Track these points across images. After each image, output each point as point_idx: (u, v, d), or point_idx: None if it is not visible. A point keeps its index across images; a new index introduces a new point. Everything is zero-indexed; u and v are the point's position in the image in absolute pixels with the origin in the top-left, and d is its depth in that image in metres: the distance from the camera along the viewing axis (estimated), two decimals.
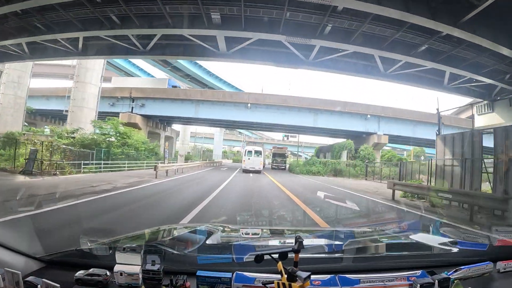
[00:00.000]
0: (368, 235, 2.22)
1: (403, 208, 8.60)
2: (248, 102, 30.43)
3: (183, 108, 32.31)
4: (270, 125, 34.74)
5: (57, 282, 1.11)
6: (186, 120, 35.80)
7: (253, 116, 31.33)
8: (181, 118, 34.06)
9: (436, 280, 1.21)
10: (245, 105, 30.81)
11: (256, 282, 1.17)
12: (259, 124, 34.76)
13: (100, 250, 1.50)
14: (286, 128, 35.38)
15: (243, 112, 31.22)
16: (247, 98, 30.61)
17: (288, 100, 31.11)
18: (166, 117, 34.05)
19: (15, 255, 1.34)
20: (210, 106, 31.48)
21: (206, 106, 31.62)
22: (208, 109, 31.55)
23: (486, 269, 1.35)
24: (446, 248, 1.76)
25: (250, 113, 31.19)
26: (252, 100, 30.56)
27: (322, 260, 1.58)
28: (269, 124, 34.04)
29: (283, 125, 33.59)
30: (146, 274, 1.18)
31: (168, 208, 7.51)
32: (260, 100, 30.64)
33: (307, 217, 6.09)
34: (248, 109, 30.95)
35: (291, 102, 31.09)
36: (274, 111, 31.30)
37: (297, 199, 9.61)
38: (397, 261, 1.55)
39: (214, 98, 30.94)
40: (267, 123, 33.20)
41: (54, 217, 5.47)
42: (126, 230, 3.01)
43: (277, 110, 31.36)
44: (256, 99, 30.64)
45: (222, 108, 31.36)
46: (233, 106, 31.31)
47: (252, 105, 30.78)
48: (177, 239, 1.99)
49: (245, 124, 35.79)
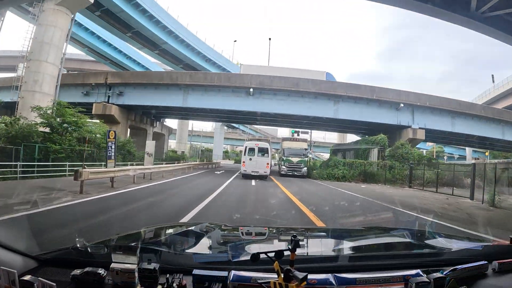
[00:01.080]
0: (364, 235, 2.16)
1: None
2: (250, 86, 23.65)
3: (169, 95, 25.73)
4: (278, 117, 27.84)
5: (53, 281, 1.10)
6: (172, 111, 29.07)
7: (256, 105, 24.54)
8: (166, 108, 27.39)
9: (431, 279, 1.20)
10: (247, 91, 24.04)
11: (252, 281, 1.16)
12: (265, 116, 27.84)
13: (96, 249, 1.48)
14: (298, 121, 28.35)
15: (244, 100, 24.45)
16: (249, 81, 23.81)
17: (301, 83, 24.27)
18: (149, 107, 27.44)
19: (10, 253, 1.30)
20: (202, 92, 24.79)
21: (196, 92, 24.94)
22: (200, 97, 24.87)
23: (481, 268, 1.36)
24: (441, 248, 1.75)
25: (253, 101, 24.41)
26: (255, 83, 23.77)
27: (318, 259, 1.54)
28: (276, 116, 27.12)
29: (295, 117, 26.67)
30: (142, 273, 1.16)
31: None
32: (266, 84, 23.82)
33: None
34: (251, 96, 24.18)
35: (305, 86, 24.26)
36: (283, 98, 24.50)
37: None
38: (393, 261, 1.50)
39: (207, 82, 24.22)
40: (274, 114, 26.30)
41: None
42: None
43: (287, 97, 24.56)
44: (260, 83, 23.84)
45: (217, 95, 24.63)
46: (231, 92, 24.56)
47: (256, 90, 23.99)
48: (174, 237, 1.97)
49: (246, 116, 28.71)
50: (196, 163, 29.27)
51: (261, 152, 19.11)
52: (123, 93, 27.31)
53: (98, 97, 28.09)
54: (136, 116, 30.79)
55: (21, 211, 5.51)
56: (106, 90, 27.85)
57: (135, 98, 27.05)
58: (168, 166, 18.70)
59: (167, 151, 39.56)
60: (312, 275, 1.14)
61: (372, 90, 26.03)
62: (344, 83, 25.58)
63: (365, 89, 25.97)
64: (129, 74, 28.32)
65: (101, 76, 28.38)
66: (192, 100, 24.90)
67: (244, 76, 24.32)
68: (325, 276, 1.22)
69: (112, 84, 27.53)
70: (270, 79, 24.10)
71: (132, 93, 27.14)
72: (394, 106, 26.48)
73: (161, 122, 40.04)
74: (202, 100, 24.66)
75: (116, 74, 29.29)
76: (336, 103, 25.45)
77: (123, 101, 27.29)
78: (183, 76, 25.16)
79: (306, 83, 24.39)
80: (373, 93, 25.83)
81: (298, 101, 24.65)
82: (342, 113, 25.54)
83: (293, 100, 24.58)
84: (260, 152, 19.03)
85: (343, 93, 25.03)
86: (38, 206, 6.25)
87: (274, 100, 24.42)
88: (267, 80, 24.05)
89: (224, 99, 24.42)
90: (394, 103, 26.27)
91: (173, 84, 25.26)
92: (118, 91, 27.34)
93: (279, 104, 24.43)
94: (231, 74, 24.57)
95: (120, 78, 27.69)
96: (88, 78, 28.97)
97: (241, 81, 23.99)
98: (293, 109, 24.59)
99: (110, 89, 27.78)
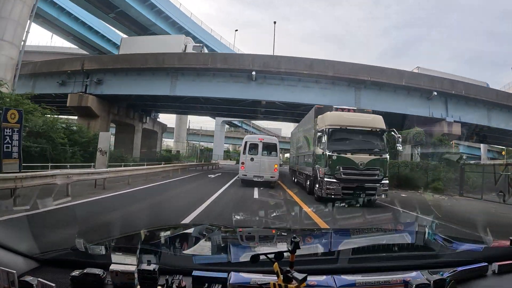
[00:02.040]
0: (364, 236, 2.15)
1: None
2: (252, 69, 19.07)
3: (154, 83, 21.30)
4: (285, 109, 23.19)
5: (53, 282, 1.10)
6: (160, 102, 24.49)
7: (260, 92, 19.96)
8: (153, 99, 22.93)
9: (431, 280, 1.19)
10: (248, 75, 19.47)
11: (252, 282, 1.16)
12: (270, 108, 23.16)
13: (96, 250, 1.48)
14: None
15: (244, 86, 19.88)
16: (251, 63, 19.24)
17: (315, 65, 19.66)
18: (133, 98, 23.02)
19: (10, 254, 1.29)
20: (194, 77, 20.25)
21: (187, 78, 20.43)
22: (191, 83, 20.35)
23: (481, 270, 1.36)
24: (441, 249, 1.74)
25: (256, 88, 19.83)
26: (258, 65, 19.20)
27: (318, 260, 1.58)
28: (284, 107, 22.46)
29: (307, 107, 21.99)
30: (141, 274, 1.13)
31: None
32: (272, 66, 19.23)
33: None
34: (253, 82, 19.60)
35: (320, 68, 19.65)
36: (293, 83, 19.90)
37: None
38: (393, 262, 1.50)
39: (199, 64, 19.67)
40: (281, 105, 21.67)
41: None
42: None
43: (298, 83, 19.95)
44: (264, 64, 19.26)
45: (211, 81, 20.08)
46: (229, 77, 19.99)
47: (259, 74, 19.41)
48: (173, 239, 1.95)
49: (247, 109, 24.01)
50: (187, 164, 24.82)
51: (267, 149, 14.23)
52: (102, 81, 23.00)
53: (75, 87, 23.92)
54: (120, 110, 26.39)
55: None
56: (84, 79, 23.62)
57: (115, 87, 22.71)
58: (138, 169, 13.91)
59: (160, 151, 35.11)
60: (311, 277, 1.15)
61: (400, 74, 21.42)
62: (368, 66, 20.91)
63: (392, 73, 21.34)
64: (108, 58, 23.92)
65: (77, 62, 24.08)
66: (182, 87, 20.38)
67: (244, 56, 19.81)
68: (325, 278, 1.23)
69: (90, 71, 23.27)
70: (277, 60, 19.53)
71: (112, 81, 22.81)
72: (425, 94, 21.92)
73: (153, 118, 35.59)
74: (194, 87, 20.13)
75: (93, 59, 24.94)
76: (358, 90, 20.84)
77: (101, 91, 22.98)
78: (171, 58, 20.62)
79: (321, 65, 19.79)
80: (401, 78, 21.23)
81: (311, 87, 20.05)
82: (364, 103, 20.80)
83: (304, 86, 19.98)
84: (265, 150, 14.15)
85: (366, 77, 20.39)
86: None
87: (282, 87, 19.83)
88: (273, 61, 19.48)
89: (220, 85, 19.86)
90: (425, 91, 21.69)
91: (159, 69, 20.78)
92: (96, 79, 23.01)
93: (288, 91, 19.81)
94: (228, 55, 20.07)
95: (98, 63, 23.32)
96: (63, 65, 24.71)
97: (241, 63, 19.43)
98: (305, 97, 19.95)
99: (88, 77, 23.55)
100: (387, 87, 21.24)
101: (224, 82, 19.90)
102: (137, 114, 29.68)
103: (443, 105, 22.64)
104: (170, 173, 17.12)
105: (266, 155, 14.11)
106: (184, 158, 43.95)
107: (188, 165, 23.60)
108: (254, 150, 14.15)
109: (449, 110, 22.69)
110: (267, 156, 14.07)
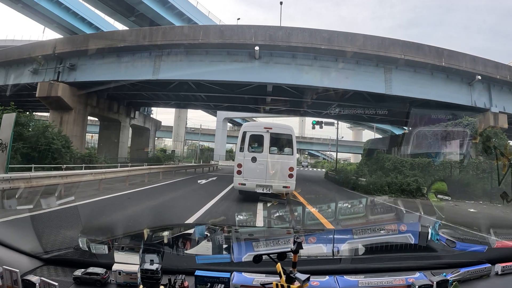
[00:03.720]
0: (367, 236, 2.00)
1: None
2: (255, 43, 14.83)
3: (135, 65, 17.21)
4: (294, 96, 18.86)
5: (55, 281, 1.10)
6: (143, 90, 20.19)
7: (265, 74, 15.68)
8: (135, 86, 18.72)
9: (434, 281, 1.20)
10: (250, 52, 15.23)
11: (254, 282, 1.16)
12: (277, 95, 18.76)
13: (99, 249, 1.48)
14: (327, 102, 19.24)
15: (246, 67, 15.59)
16: (253, 36, 14.99)
17: (335, 38, 15.38)
18: (110, 84, 18.83)
19: (13, 253, 1.30)
20: (182, 57, 16.05)
21: (173, 58, 16.26)
22: (178, 64, 16.18)
23: (484, 271, 1.35)
24: (444, 250, 1.71)
25: (260, 68, 15.54)
26: (262, 38, 14.96)
27: (320, 261, 1.61)
28: (298, 90, 18.12)
29: (327, 93, 17.64)
30: (144, 273, 1.14)
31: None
32: (280, 39, 14.94)
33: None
34: (256, 60, 15.33)
35: (342, 43, 15.37)
36: (306, 62, 15.59)
37: None
38: (396, 263, 1.49)
39: (189, 39, 15.46)
40: (292, 88, 17.35)
41: None
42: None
43: (314, 62, 15.66)
44: (271, 38, 14.98)
45: (204, 61, 15.86)
46: (226, 56, 15.75)
47: (264, 51, 15.15)
48: (176, 238, 1.93)
49: (250, 95, 19.60)
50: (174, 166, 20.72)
51: (278, 144, 9.43)
52: (75, 67, 19.12)
53: (46, 75, 20.16)
54: (100, 102, 22.38)
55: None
56: (56, 64, 19.83)
57: (91, 73, 18.78)
58: (75, 174, 9.21)
59: (151, 150, 31.03)
60: (314, 277, 1.14)
61: (439, 53, 17.09)
62: (401, 40, 16.55)
63: (429, 51, 17.02)
64: (83, 38, 19.88)
65: (49, 46, 20.17)
66: (167, 69, 16.18)
67: (245, 28, 15.45)
68: (328, 279, 1.23)
69: (63, 55, 19.46)
70: (286, 32, 15.21)
71: (87, 65, 18.88)
72: (466, 79, 17.71)
73: (144, 114, 31.65)
74: (182, 70, 15.93)
75: (66, 40, 20.96)
76: (388, 72, 16.53)
77: (75, 78, 19.10)
78: (154, 33, 16.48)
79: (342, 38, 15.48)
80: (440, 58, 16.95)
81: (330, 67, 15.77)
82: (396, 87, 16.61)
83: (322, 65, 15.69)
84: (275, 145, 9.33)
85: (398, 54, 16.09)
86: None
87: (293, 66, 15.55)
88: (281, 33, 15.17)
89: (214, 66, 15.59)
90: (466, 75, 17.48)
91: (140, 47, 16.63)
92: (69, 64, 19.08)
93: (301, 72, 15.52)
94: (225, 26, 15.77)
95: (71, 45, 19.31)
96: (34, 50, 20.89)
97: (241, 36, 15.16)
98: (321, 80, 15.67)
99: (61, 63, 19.70)
100: (423, 69, 17.03)
101: (219, 62, 15.67)
102: (123, 107, 25.63)
103: (486, 92, 18.49)
104: (145, 180, 12.96)
105: (275, 152, 9.26)
106: (181, 159, 40.32)
107: (175, 167, 19.42)
108: (257, 145, 9.38)
109: (493, 99, 18.46)
110: (277, 154, 9.25)
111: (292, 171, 8.96)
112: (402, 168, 14.66)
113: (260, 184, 8.76)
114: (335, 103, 19.57)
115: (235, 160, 9.74)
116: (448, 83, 17.65)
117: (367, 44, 15.82)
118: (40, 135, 12.03)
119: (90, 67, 18.72)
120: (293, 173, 8.89)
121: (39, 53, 20.16)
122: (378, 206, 6.66)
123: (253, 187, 8.72)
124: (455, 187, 13.64)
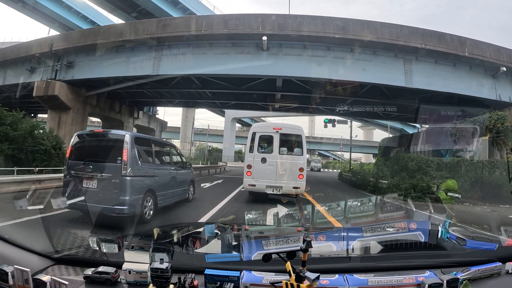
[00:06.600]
0: (376, 235, 2.06)
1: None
2: (262, 33, 13.55)
3: (134, 60, 16.11)
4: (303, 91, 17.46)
5: (66, 280, 1.09)
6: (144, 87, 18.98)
7: (274, 66, 14.38)
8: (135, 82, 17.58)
9: (444, 280, 1.17)
10: (257, 43, 13.96)
11: (264, 281, 1.14)
12: (286, 90, 17.38)
13: (109, 248, 1.48)
14: (339, 97, 17.78)
15: (253, 59, 14.29)
16: (260, 25, 13.72)
17: (351, 26, 14.01)
18: (109, 81, 17.91)
19: (24, 253, 1.29)
20: (183, 49, 14.85)
21: (174, 51, 15.08)
22: (180, 58, 14.97)
23: (495, 270, 1.31)
24: (455, 248, 1.70)
25: (268, 60, 14.22)
26: (271, 28, 13.68)
27: (330, 259, 1.55)
28: (309, 84, 16.75)
29: (340, 87, 16.23)
30: (154, 272, 1.12)
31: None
32: (289, 28, 13.63)
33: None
34: (264, 52, 14.05)
35: (357, 31, 13.99)
36: (319, 53, 14.24)
37: None
38: (406, 261, 1.46)
39: (191, 31, 14.26)
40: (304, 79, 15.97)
41: None
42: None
43: (327, 52, 14.29)
44: (280, 27, 13.69)
45: (207, 53, 14.67)
46: (231, 47, 14.52)
47: (272, 41, 13.87)
48: (186, 237, 1.94)
49: (258, 91, 18.28)
50: None
51: (287, 144, 9.04)
52: (73, 64, 18.24)
53: (44, 74, 19.38)
54: (100, 101, 21.50)
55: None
56: (54, 62, 19.01)
57: (88, 70, 17.86)
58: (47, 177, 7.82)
59: None
60: (324, 276, 1.13)
61: (461, 42, 15.54)
62: (421, 29, 15.05)
63: (451, 40, 15.48)
64: (79, 34, 18.92)
65: (46, 43, 19.33)
66: (168, 64, 15.05)
67: (251, 17, 14.18)
68: (337, 277, 1.21)
69: (60, 51, 18.65)
70: (297, 20, 13.89)
71: (84, 62, 17.95)
72: (490, 71, 16.16)
73: (149, 114, 30.73)
74: (184, 63, 14.74)
75: (63, 37, 20.02)
76: (408, 63, 15.09)
77: (72, 75, 18.22)
78: (153, 25, 15.35)
79: (358, 27, 14.11)
80: (463, 47, 15.41)
81: (346, 59, 14.39)
82: (417, 80, 15.14)
83: (336, 56, 14.32)
84: (284, 145, 8.95)
85: (419, 44, 14.63)
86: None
87: (305, 57, 14.22)
88: (291, 22, 13.86)
89: (218, 59, 14.38)
90: (490, 67, 15.98)
91: (139, 41, 15.56)
92: (66, 62, 18.21)
93: (314, 64, 14.18)
94: (229, 16, 14.47)
95: (67, 41, 18.38)
96: (31, 48, 20.08)
97: (247, 26, 13.89)
98: (336, 72, 14.30)
99: (59, 61, 18.88)
100: (445, 60, 15.55)
101: (224, 54, 14.47)
102: (126, 107, 24.75)
103: (509, 85, 16.87)
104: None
105: (285, 153, 8.89)
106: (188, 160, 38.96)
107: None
108: (266, 145, 9.07)
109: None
110: (287, 155, 8.86)
111: (302, 172, 8.76)
112: (427, 169, 13.14)
113: (270, 185, 8.61)
114: (349, 99, 18.16)
115: (244, 161, 9.69)
116: (471, 75, 16.15)
117: (385, 33, 14.40)
118: (27, 135, 10.97)
119: (88, 64, 17.82)
120: (303, 173, 8.77)
121: (36, 51, 19.42)
122: (387, 204, 6.59)
123: (263, 188, 8.61)
124: (488, 190, 12.17)
